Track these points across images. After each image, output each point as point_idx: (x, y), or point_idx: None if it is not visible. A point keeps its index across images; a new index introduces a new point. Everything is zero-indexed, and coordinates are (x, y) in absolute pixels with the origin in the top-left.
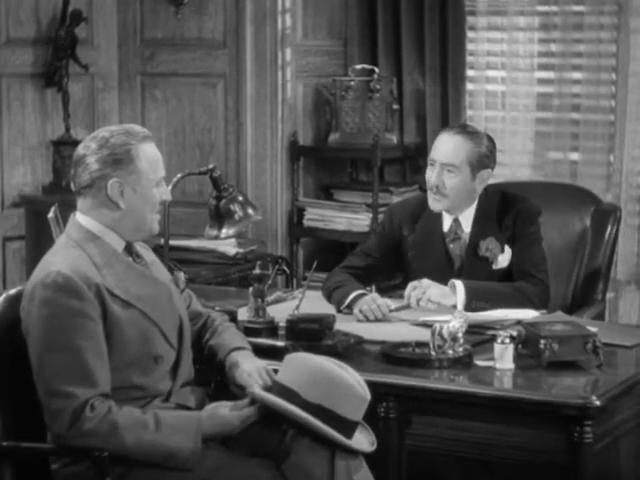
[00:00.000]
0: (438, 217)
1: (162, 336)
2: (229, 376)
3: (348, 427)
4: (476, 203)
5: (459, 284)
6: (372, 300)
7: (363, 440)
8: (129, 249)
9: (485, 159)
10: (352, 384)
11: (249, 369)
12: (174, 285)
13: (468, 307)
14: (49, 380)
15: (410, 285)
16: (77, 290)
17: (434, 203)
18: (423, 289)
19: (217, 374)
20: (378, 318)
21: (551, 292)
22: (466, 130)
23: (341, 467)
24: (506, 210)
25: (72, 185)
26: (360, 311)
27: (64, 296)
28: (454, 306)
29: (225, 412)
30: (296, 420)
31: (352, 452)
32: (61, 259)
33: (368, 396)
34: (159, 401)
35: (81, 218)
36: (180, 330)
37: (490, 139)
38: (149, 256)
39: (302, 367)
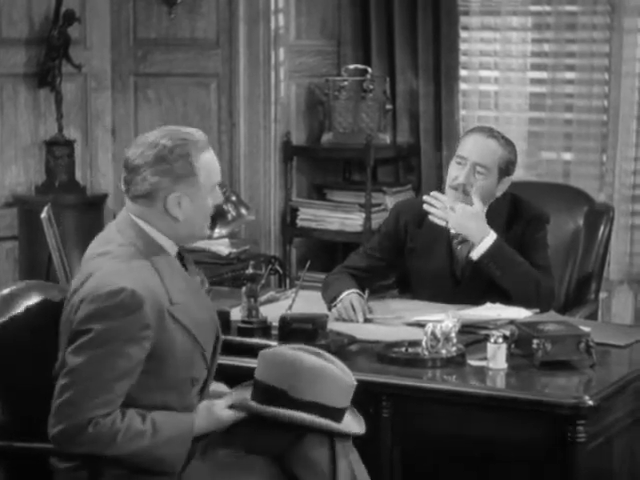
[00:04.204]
0: None
1: (203, 360)
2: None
3: (338, 415)
4: (487, 207)
5: (492, 236)
6: (350, 301)
7: (352, 422)
8: (179, 254)
9: (511, 166)
10: (336, 374)
11: (220, 392)
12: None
13: (481, 261)
14: (71, 388)
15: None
16: (139, 312)
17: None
18: (447, 208)
19: None
20: (351, 319)
21: None
22: (498, 135)
23: (340, 449)
24: (517, 216)
25: (122, 186)
26: (335, 308)
27: (124, 315)
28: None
29: (218, 412)
30: (291, 422)
31: (345, 436)
32: (134, 275)
33: (353, 381)
34: None
35: (140, 222)
36: (214, 345)
37: (514, 147)
38: (188, 260)
39: (283, 363)
